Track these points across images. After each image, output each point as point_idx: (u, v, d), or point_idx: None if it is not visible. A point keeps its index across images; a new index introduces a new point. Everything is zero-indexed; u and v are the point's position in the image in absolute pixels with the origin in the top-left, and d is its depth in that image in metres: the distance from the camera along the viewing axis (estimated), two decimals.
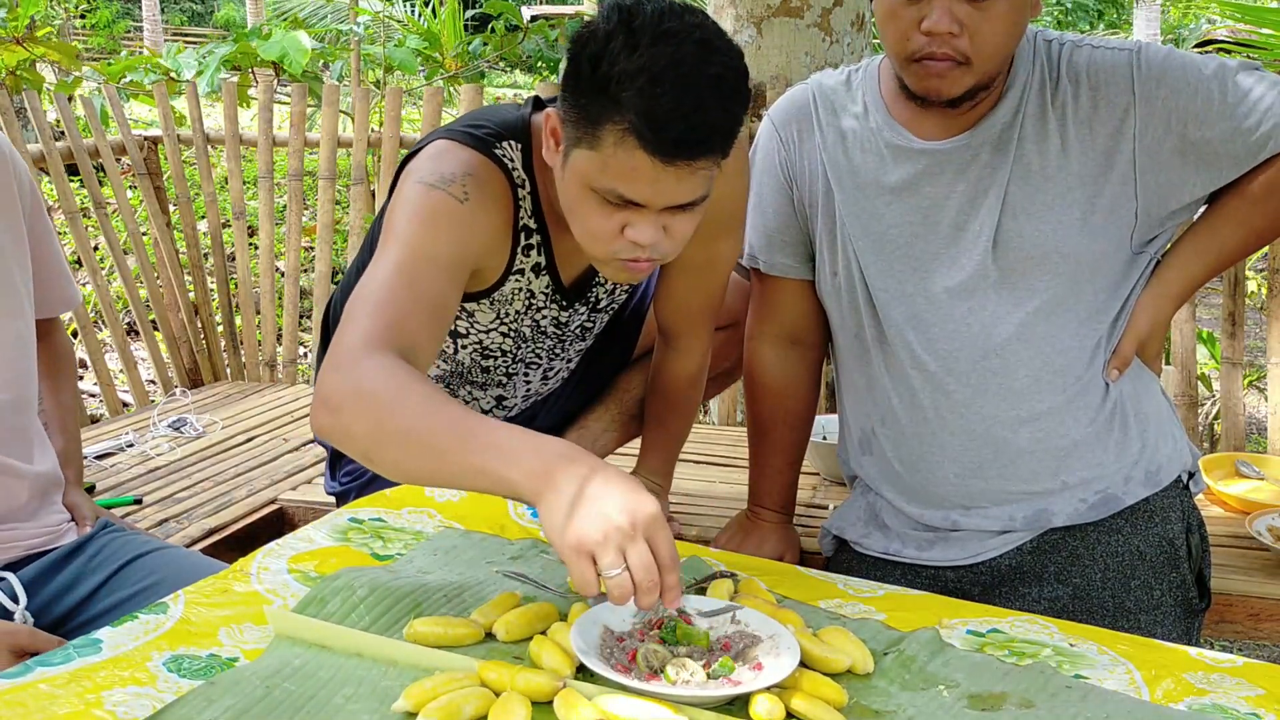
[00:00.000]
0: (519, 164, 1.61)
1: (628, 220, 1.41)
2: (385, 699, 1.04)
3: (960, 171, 1.62)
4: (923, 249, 1.66)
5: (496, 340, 1.81)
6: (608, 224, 1.42)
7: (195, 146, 3.53)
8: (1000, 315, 1.62)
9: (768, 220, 1.81)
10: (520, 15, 5.85)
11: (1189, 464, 1.72)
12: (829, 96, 1.75)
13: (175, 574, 1.53)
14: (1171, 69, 1.56)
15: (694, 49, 1.31)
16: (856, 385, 1.77)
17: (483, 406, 1.99)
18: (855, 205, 1.71)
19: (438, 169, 1.54)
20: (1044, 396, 1.63)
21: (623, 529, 1.06)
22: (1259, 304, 4.70)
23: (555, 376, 1.99)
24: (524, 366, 1.91)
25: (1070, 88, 1.58)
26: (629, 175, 1.36)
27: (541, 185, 1.63)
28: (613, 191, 1.39)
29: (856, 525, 1.81)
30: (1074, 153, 1.58)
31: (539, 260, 1.69)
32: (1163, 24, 15.37)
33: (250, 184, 5.23)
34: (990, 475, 1.66)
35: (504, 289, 1.70)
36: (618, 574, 1.05)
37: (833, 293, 1.76)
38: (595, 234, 1.45)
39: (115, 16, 11.72)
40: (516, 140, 1.61)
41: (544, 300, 1.75)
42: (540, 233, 1.67)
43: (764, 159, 1.81)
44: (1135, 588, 1.63)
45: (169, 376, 3.48)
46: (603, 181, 1.39)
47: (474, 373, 1.89)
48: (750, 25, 3.21)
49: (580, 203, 1.44)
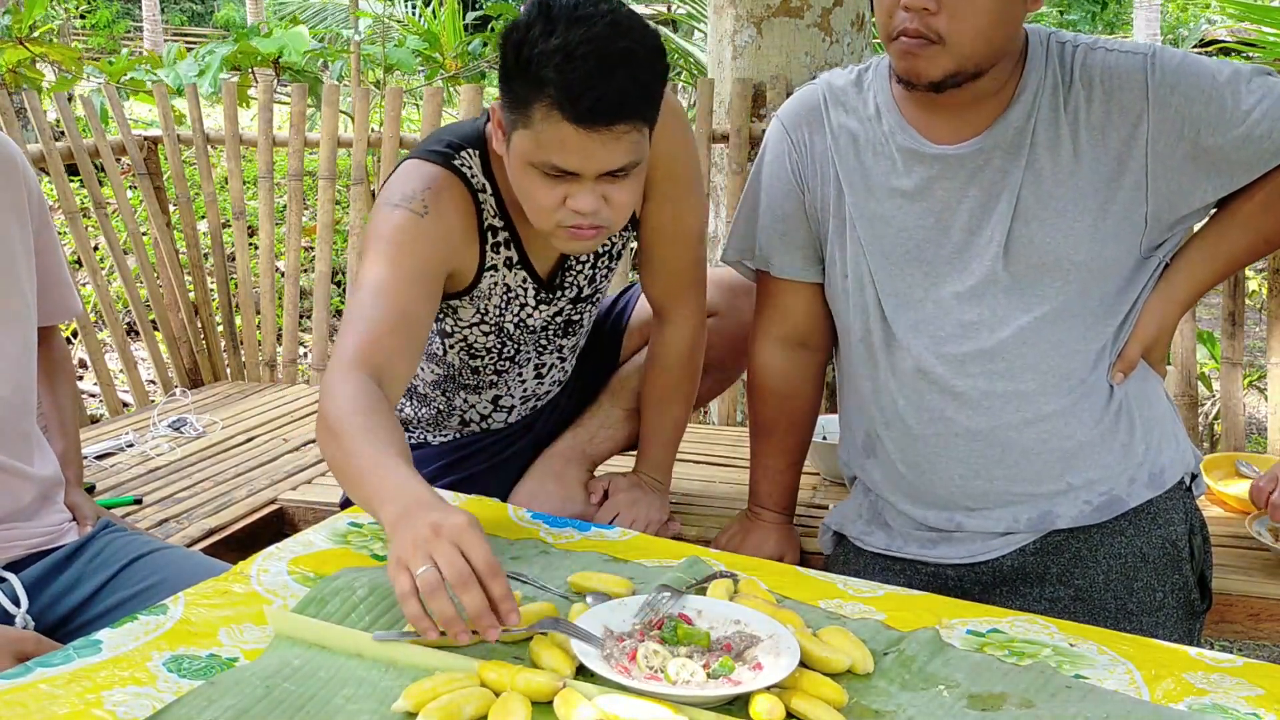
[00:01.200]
0: (478, 170, 1.74)
1: (568, 191, 1.55)
2: (385, 699, 1.04)
3: (972, 176, 1.62)
4: (934, 254, 1.65)
5: (480, 337, 1.88)
6: (550, 196, 1.56)
7: (195, 146, 3.53)
8: (1009, 320, 1.62)
9: (777, 222, 1.81)
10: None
11: (1191, 466, 1.72)
12: (839, 97, 1.74)
13: (177, 574, 1.53)
14: (1186, 75, 1.55)
15: (605, 28, 1.47)
16: (861, 388, 1.76)
17: (480, 411, 2.01)
18: (866, 208, 1.70)
19: (401, 189, 1.69)
20: (1050, 399, 1.63)
21: (427, 537, 1.15)
22: (1259, 304, 4.70)
23: (550, 375, 2.01)
24: (512, 364, 1.94)
25: (1084, 91, 1.58)
26: (559, 146, 1.51)
27: (503, 185, 1.74)
28: (548, 164, 1.53)
29: (857, 522, 1.81)
30: (1086, 158, 1.58)
31: (510, 255, 1.80)
32: (1162, 24, 15.36)
33: (250, 184, 5.23)
34: (995, 476, 1.66)
35: (480, 285, 1.81)
36: (424, 569, 1.12)
37: (842, 295, 1.76)
38: (541, 207, 1.59)
39: (115, 16, 11.71)
40: (474, 149, 1.75)
41: (522, 293, 1.84)
42: (507, 229, 1.78)
43: (774, 160, 1.80)
44: (1138, 589, 1.63)
45: (169, 376, 3.48)
46: (539, 156, 1.53)
47: (465, 374, 1.94)
48: (750, 25, 3.21)
49: (525, 180, 1.59)
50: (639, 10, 9.91)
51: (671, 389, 2.00)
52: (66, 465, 1.76)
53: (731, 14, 3.24)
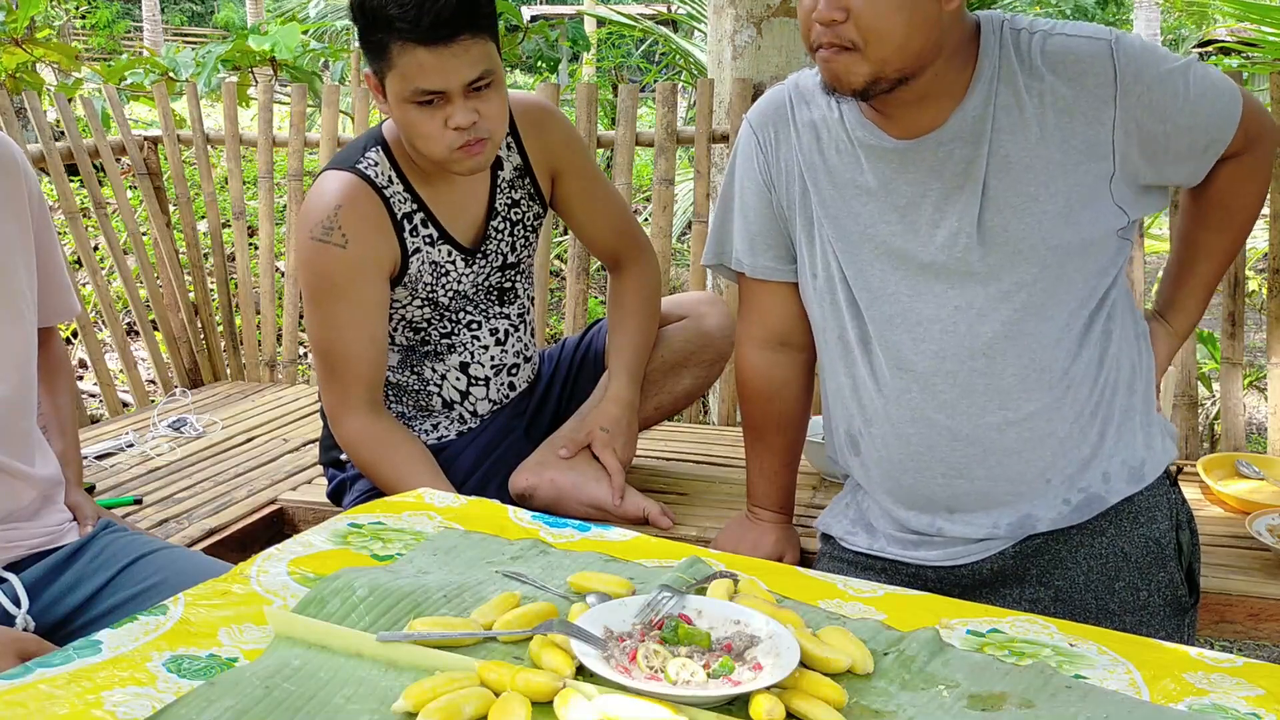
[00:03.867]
0: (384, 163, 1.96)
1: (446, 115, 1.80)
2: (385, 699, 1.04)
3: (933, 168, 1.61)
4: (901, 247, 1.65)
5: (415, 313, 2.06)
6: (432, 123, 1.81)
7: (195, 146, 3.53)
8: (986, 311, 1.62)
9: (749, 223, 1.81)
10: (520, 15, 5.85)
11: (1175, 456, 1.72)
12: (806, 96, 1.74)
13: (177, 574, 1.53)
14: (1148, 62, 1.56)
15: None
16: (841, 387, 1.76)
17: (455, 386, 2.13)
18: (832, 206, 1.70)
19: (319, 215, 1.92)
20: (1032, 396, 1.62)
21: None
22: (1259, 304, 4.70)
23: (510, 344, 2.16)
24: (463, 329, 2.10)
25: (1049, 76, 1.57)
26: (419, 71, 1.77)
27: (406, 170, 1.97)
28: (418, 91, 1.79)
29: (843, 522, 1.82)
30: (1054, 141, 1.57)
31: (430, 233, 2.01)
32: (1163, 24, 15.35)
33: (250, 184, 5.23)
34: (977, 476, 1.65)
35: (410, 270, 2.01)
36: None
37: (814, 295, 1.76)
38: (428, 136, 1.83)
39: (115, 17, 11.73)
40: (376, 144, 1.98)
41: (449, 265, 2.04)
42: (421, 210, 1.99)
43: (744, 162, 1.81)
44: (1119, 589, 1.63)
45: (169, 376, 3.48)
46: (408, 87, 1.79)
47: (417, 348, 2.12)
48: (750, 25, 3.22)
49: (408, 120, 1.83)
50: (639, 10, 9.87)
51: (631, 315, 2.21)
52: (66, 465, 1.76)
53: (731, 14, 3.24)
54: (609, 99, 7.20)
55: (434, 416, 2.14)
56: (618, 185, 3.08)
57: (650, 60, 10.79)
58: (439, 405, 2.13)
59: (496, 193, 2.06)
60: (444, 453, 2.09)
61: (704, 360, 2.29)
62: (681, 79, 6.63)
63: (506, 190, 2.07)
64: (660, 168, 3.10)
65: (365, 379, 1.98)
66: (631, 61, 11.76)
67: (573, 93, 5.72)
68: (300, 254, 1.97)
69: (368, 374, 1.98)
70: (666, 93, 3.14)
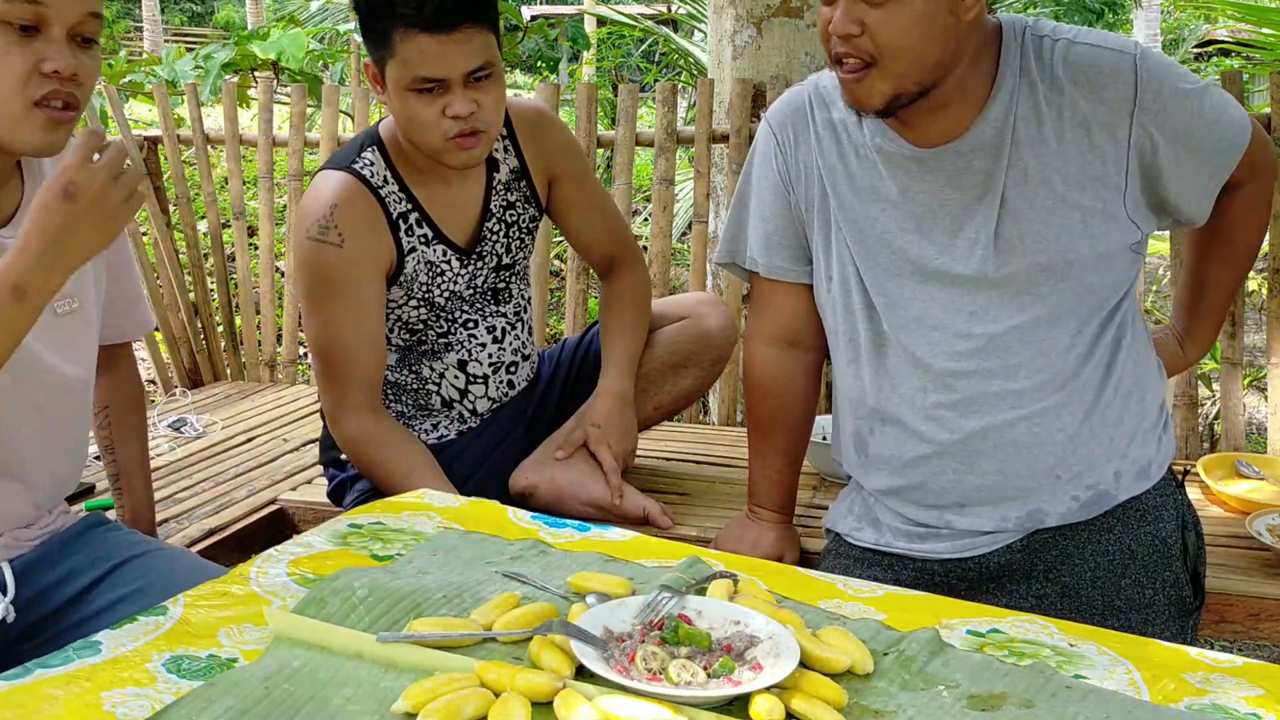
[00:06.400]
0: (379, 163, 1.97)
1: (444, 103, 1.81)
2: (385, 699, 1.04)
3: (952, 178, 1.62)
4: (919, 255, 1.65)
5: (411, 314, 2.06)
6: (430, 111, 1.82)
7: (195, 147, 3.53)
8: (1001, 319, 1.62)
9: (766, 222, 1.81)
10: (520, 15, 5.85)
11: (1174, 453, 1.73)
12: (825, 98, 1.73)
13: (170, 576, 1.52)
14: (1167, 79, 1.57)
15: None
16: (852, 388, 1.76)
17: (454, 384, 2.13)
18: (851, 210, 1.70)
19: (316, 214, 1.92)
20: (1043, 395, 1.63)
21: None
22: (1259, 304, 4.70)
23: (508, 341, 2.16)
24: (459, 328, 2.09)
25: (1070, 88, 1.57)
26: (420, 58, 1.78)
27: (402, 170, 1.98)
28: (418, 78, 1.80)
29: (849, 519, 1.82)
30: (1071, 156, 1.57)
31: (425, 232, 2.01)
32: (1163, 24, 15.35)
33: (250, 184, 5.23)
34: (987, 472, 1.66)
35: (405, 269, 2.01)
36: None
37: (828, 298, 1.76)
38: (425, 125, 1.83)
39: (115, 17, 11.71)
40: (372, 144, 1.98)
41: (445, 265, 2.04)
42: (416, 210, 1.99)
43: (761, 162, 1.81)
44: (1125, 586, 1.63)
45: (169, 376, 3.48)
46: (408, 74, 1.80)
47: (415, 348, 2.11)
48: (750, 25, 3.22)
49: (406, 108, 1.84)
50: (639, 10, 9.88)
51: (626, 327, 2.22)
52: (148, 509, 1.88)
53: (731, 14, 3.24)
54: (609, 99, 7.21)
55: (434, 416, 2.14)
56: (618, 185, 3.08)
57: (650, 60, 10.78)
58: (438, 404, 2.13)
59: (492, 194, 2.06)
60: (444, 452, 2.09)
61: (704, 360, 2.29)
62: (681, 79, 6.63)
63: (502, 192, 2.08)
64: (660, 168, 3.10)
65: (364, 378, 1.99)
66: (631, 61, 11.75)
67: (573, 92, 5.72)
68: (297, 253, 1.97)
69: (366, 373, 1.99)
70: (666, 93, 3.14)
